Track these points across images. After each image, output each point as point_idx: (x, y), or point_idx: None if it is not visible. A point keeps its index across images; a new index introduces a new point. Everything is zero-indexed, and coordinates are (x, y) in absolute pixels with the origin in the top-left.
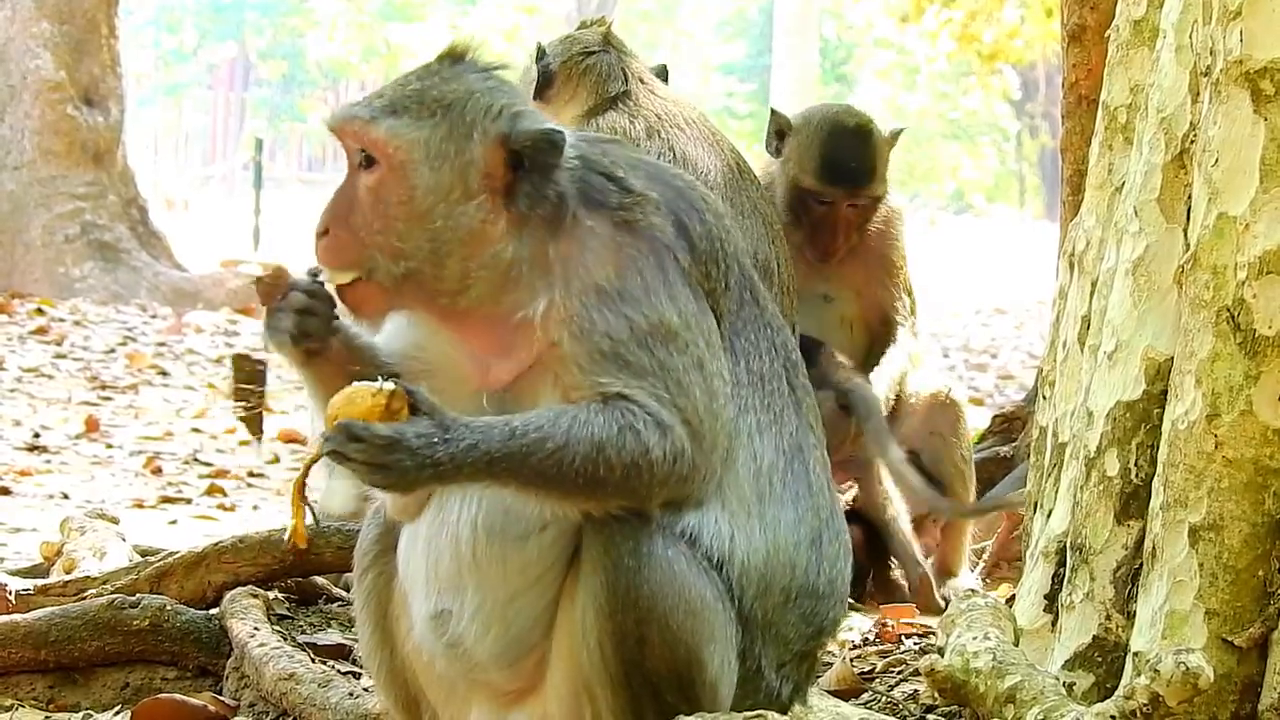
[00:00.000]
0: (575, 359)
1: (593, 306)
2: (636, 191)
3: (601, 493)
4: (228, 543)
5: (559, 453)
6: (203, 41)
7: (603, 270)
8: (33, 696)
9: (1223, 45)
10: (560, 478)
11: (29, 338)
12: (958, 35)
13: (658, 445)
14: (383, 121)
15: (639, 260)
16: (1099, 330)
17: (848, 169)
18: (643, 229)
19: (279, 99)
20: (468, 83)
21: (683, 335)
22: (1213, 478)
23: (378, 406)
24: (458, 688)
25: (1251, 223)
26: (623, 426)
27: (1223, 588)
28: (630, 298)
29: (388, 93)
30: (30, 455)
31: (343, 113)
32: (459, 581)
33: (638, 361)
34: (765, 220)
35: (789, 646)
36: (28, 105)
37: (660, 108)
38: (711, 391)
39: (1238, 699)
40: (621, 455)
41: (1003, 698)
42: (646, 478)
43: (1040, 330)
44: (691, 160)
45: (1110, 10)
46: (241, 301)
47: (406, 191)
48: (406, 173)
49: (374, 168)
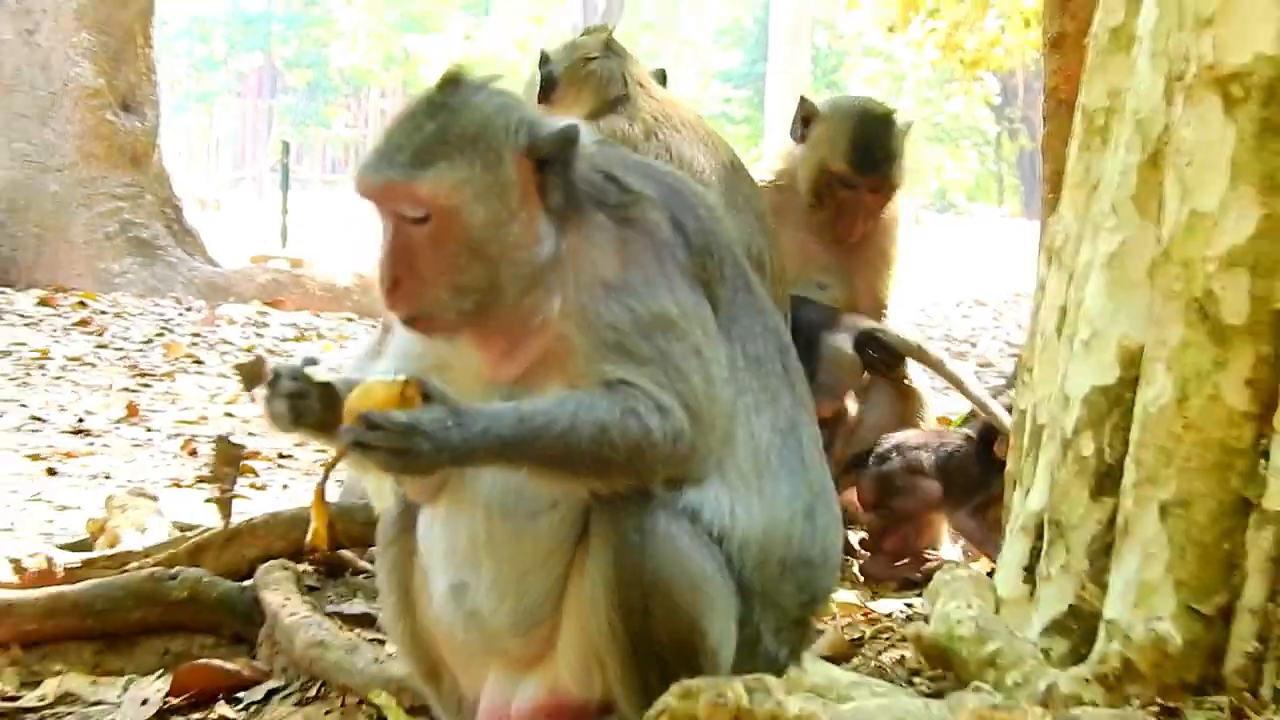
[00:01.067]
0: (581, 350)
1: (599, 300)
2: (634, 189)
3: (607, 472)
4: (260, 519)
5: (566, 435)
6: (232, 51)
7: (608, 265)
8: (80, 662)
9: (1195, 52)
10: (568, 459)
11: (72, 329)
12: (942, 44)
13: (659, 427)
14: (421, 176)
15: (641, 255)
16: (1075, 320)
17: (875, 156)
18: (642, 225)
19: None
20: (477, 108)
21: (681, 325)
22: (1182, 457)
23: (393, 397)
24: (475, 655)
25: (1221, 219)
26: (625, 410)
27: (1190, 560)
28: (633, 290)
29: (407, 143)
30: (75, 438)
31: (375, 179)
32: (475, 557)
33: (639, 350)
34: (758, 214)
35: (785, 614)
36: (69, 111)
37: (658, 110)
38: (709, 377)
39: (1204, 664)
40: (625, 437)
41: (984, 663)
42: (649, 457)
43: (1017, 320)
44: (688, 159)
45: (1089, 18)
46: (270, 295)
47: (463, 232)
48: (460, 216)
49: (425, 222)
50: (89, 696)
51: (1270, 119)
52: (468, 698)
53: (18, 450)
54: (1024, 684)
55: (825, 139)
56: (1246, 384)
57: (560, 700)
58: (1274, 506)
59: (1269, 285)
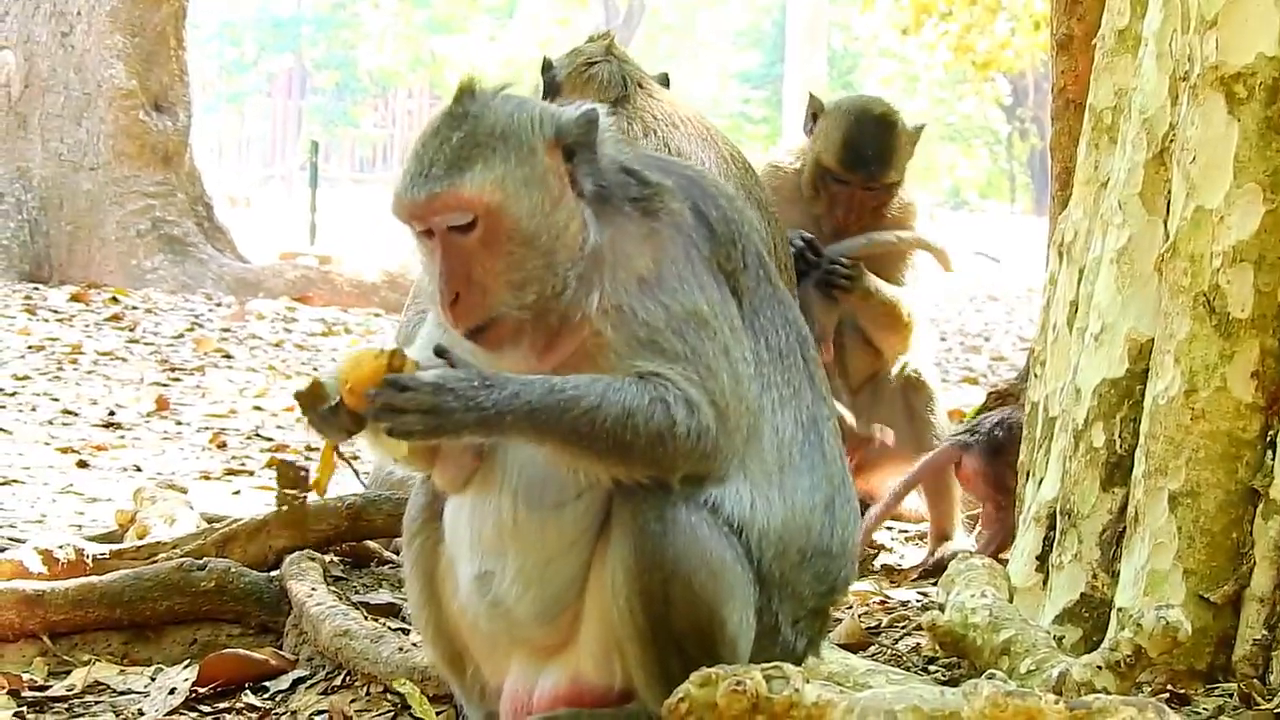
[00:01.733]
0: (614, 346)
1: (634, 296)
2: (653, 182)
3: (629, 458)
4: (286, 511)
5: (592, 412)
6: (262, 53)
7: (642, 260)
8: (109, 652)
9: (1199, 52)
10: (592, 437)
11: (104, 324)
12: (954, 46)
13: (684, 421)
14: (461, 180)
15: (671, 249)
16: (1086, 314)
17: (865, 155)
18: (666, 217)
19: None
20: (499, 109)
21: (712, 323)
22: (1190, 448)
23: (381, 367)
24: (499, 643)
25: (1226, 215)
26: (654, 399)
27: (1199, 549)
28: (667, 287)
29: (439, 156)
30: (106, 431)
31: (417, 196)
32: (500, 546)
33: (672, 348)
34: (761, 205)
35: (804, 603)
36: (102, 111)
37: (657, 109)
38: (736, 376)
39: (1213, 651)
40: (649, 424)
41: (998, 650)
42: (671, 449)
43: (1029, 315)
44: (686, 154)
45: (1096, 20)
46: (299, 290)
47: (512, 226)
48: (506, 211)
49: (472, 230)
50: (117, 686)
51: (1273, 118)
52: (491, 686)
53: (49, 443)
54: (1037, 671)
55: (823, 135)
56: (1253, 376)
57: (582, 688)
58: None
59: (1274, 279)
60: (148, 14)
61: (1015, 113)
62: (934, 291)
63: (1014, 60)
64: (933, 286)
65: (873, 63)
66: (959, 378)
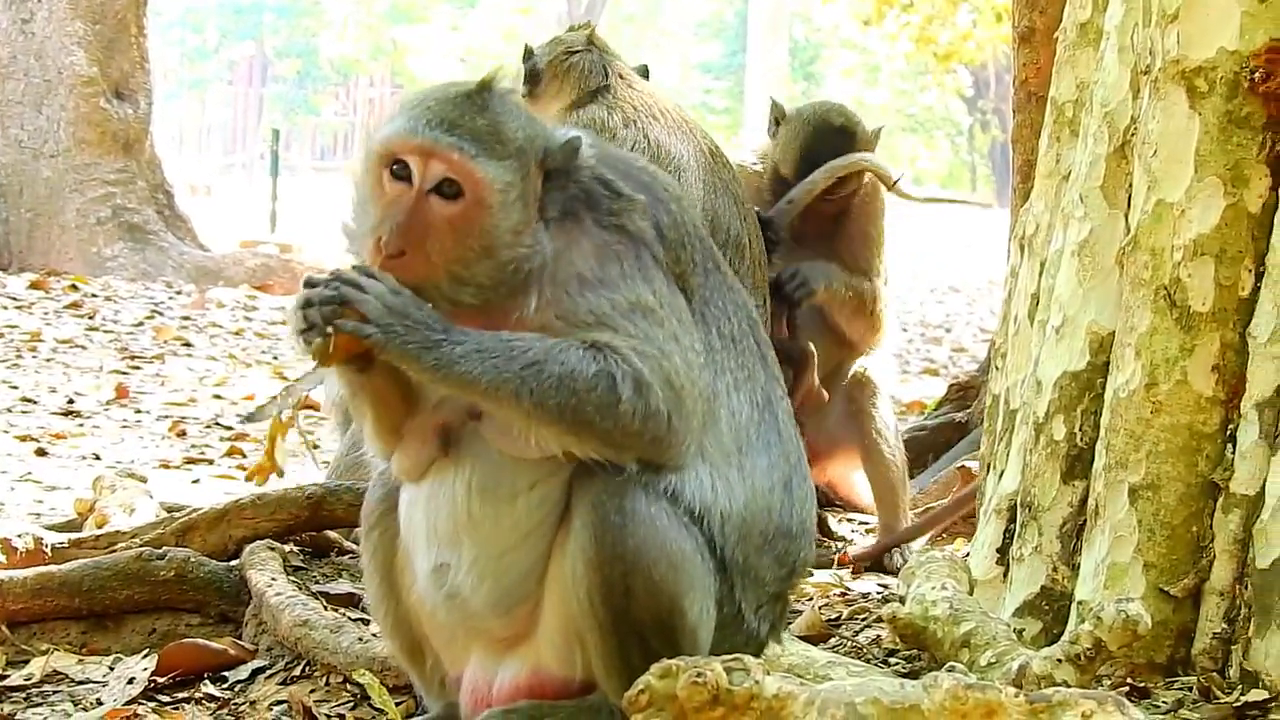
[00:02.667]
0: (561, 332)
1: (576, 292)
2: (626, 195)
3: (576, 427)
4: (247, 500)
5: (536, 366)
6: (224, 40)
7: (586, 263)
8: (67, 641)
9: (1161, 46)
10: (540, 394)
11: (64, 312)
12: (915, 37)
13: (629, 399)
14: (482, 160)
15: (621, 254)
16: (1047, 306)
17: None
18: (626, 231)
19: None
20: (517, 115)
21: (659, 312)
22: (1151, 442)
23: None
24: (457, 635)
25: (1187, 209)
26: (600, 369)
27: (1160, 542)
28: (610, 283)
29: (464, 124)
30: (65, 419)
31: (430, 137)
32: (456, 537)
33: (622, 329)
34: (736, 199)
35: (765, 588)
36: (63, 98)
37: (637, 100)
38: (689, 362)
39: (1173, 644)
40: (592, 394)
41: (958, 643)
42: (618, 425)
43: (990, 306)
44: (665, 146)
45: (1057, 14)
46: (259, 279)
47: (489, 227)
48: (492, 211)
49: (458, 200)
50: (76, 675)
51: (1234, 111)
52: (450, 677)
53: (8, 431)
54: (997, 664)
55: (782, 144)
56: (1213, 370)
57: (542, 679)
58: (1241, 490)
59: (1234, 273)
60: (109, 1)
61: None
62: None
63: (975, 52)
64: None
65: (834, 54)
66: (920, 369)
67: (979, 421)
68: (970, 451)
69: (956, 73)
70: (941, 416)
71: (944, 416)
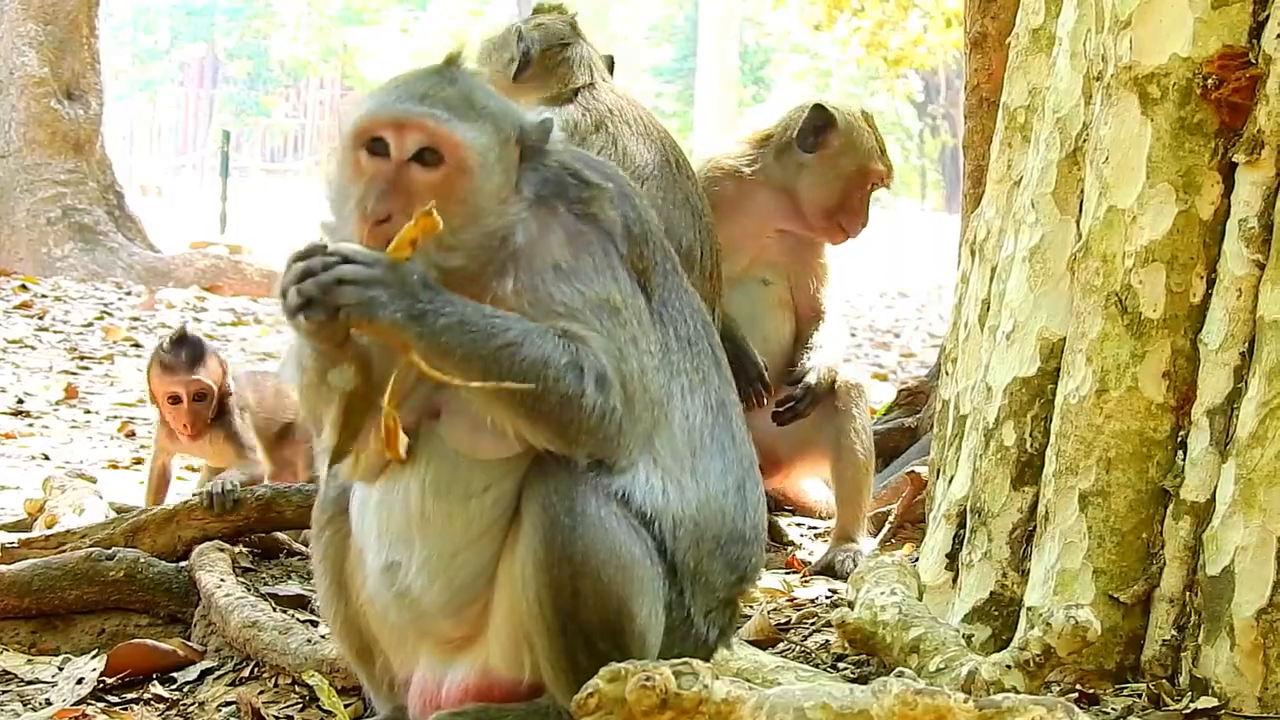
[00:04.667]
0: (533, 317)
1: (550, 281)
2: (594, 184)
3: (537, 414)
4: (196, 501)
5: (513, 348)
6: (175, 41)
7: (561, 252)
8: (16, 641)
9: (1113, 52)
10: (510, 376)
11: (14, 312)
12: (866, 42)
13: (591, 394)
14: (457, 125)
15: (591, 246)
16: (998, 312)
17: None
18: (595, 219)
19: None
20: (484, 89)
21: (623, 312)
22: (1101, 448)
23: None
24: (407, 636)
25: (1138, 215)
26: (570, 361)
27: (1109, 549)
28: (583, 276)
29: (435, 94)
30: (14, 419)
31: (411, 110)
32: (408, 535)
33: (589, 323)
34: (695, 211)
35: (715, 594)
36: (14, 99)
37: (612, 103)
38: (643, 367)
39: (1123, 651)
40: (559, 384)
41: (907, 648)
42: (577, 418)
43: (939, 312)
44: (632, 154)
45: (1009, 19)
46: (209, 280)
47: (470, 192)
48: (472, 176)
49: (438, 167)
50: (25, 675)
51: (1186, 118)
52: (399, 678)
53: None
54: (946, 669)
55: (858, 144)
56: (1164, 376)
57: (491, 681)
58: (1191, 497)
59: (1185, 279)
60: (60, 2)
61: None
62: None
63: (926, 57)
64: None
65: (784, 58)
66: (868, 374)
67: (929, 427)
68: (920, 457)
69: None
70: (891, 421)
71: (894, 421)
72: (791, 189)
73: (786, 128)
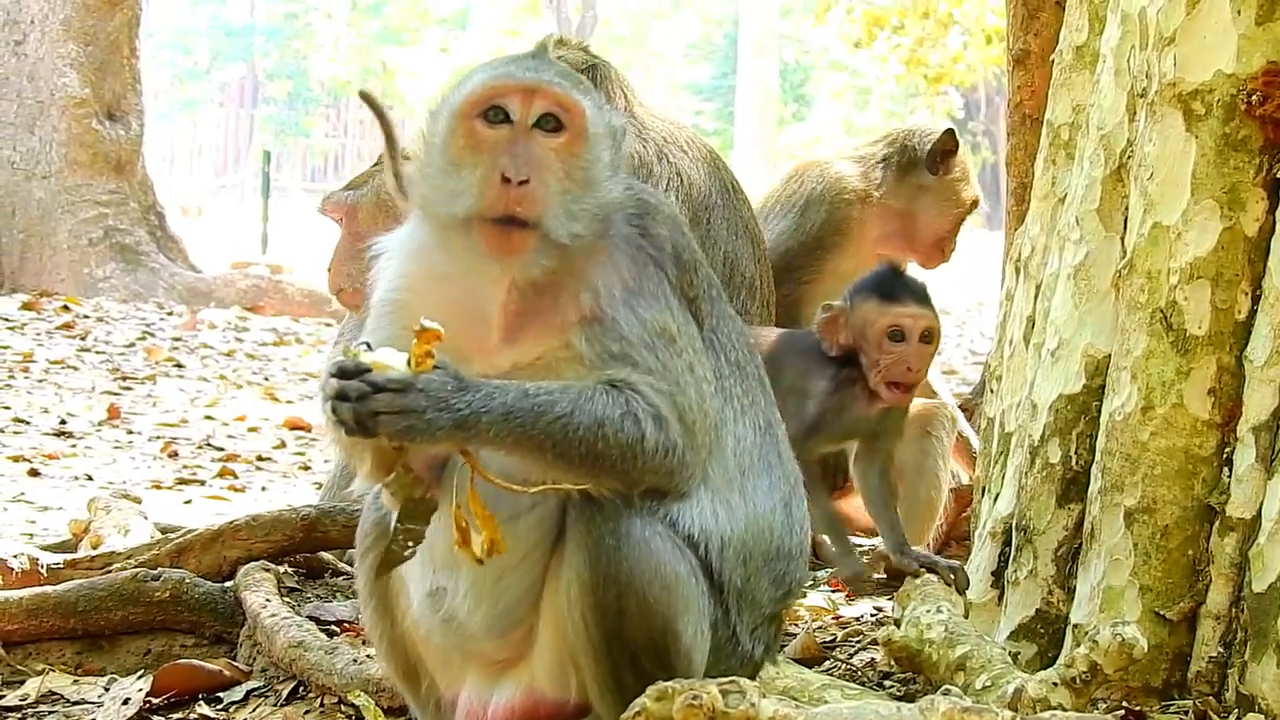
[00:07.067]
0: (586, 357)
1: (618, 305)
2: (651, 204)
3: (598, 469)
4: (241, 521)
5: (564, 419)
6: (215, 62)
7: (630, 270)
8: (62, 662)
9: (1158, 69)
10: (566, 444)
11: (56, 333)
12: (906, 59)
13: (652, 435)
14: (576, 92)
15: (650, 267)
16: (1043, 329)
17: None
18: (653, 239)
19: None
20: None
21: (679, 341)
22: (1147, 465)
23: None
24: (453, 658)
25: (1183, 231)
26: (625, 412)
27: (1155, 566)
28: (645, 301)
29: (548, 68)
30: (57, 440)
31: (530, 77)
32: (452, 562)
33: (643, 361)
34: (754, 239)
35: (761, 610)
36: (55, 120)
37: (664, 131)
38: (701, 394)
39: (1169, 668)
40: (620, 435)
41: (954, 666)
42: (639, 463)
43: (980, 329)
44: (695, 182)
45: (1052, 36)
46: (250, 300)
47: (589, 159)
48: (590, 144)
49: (560, 132)
50: (71, 696)
51: (1230, 134)
52: (445, 699)
53: (1, 452)
54: (992, 687)
55: (969, 172)
56: (1209, 393)
57: (537, 701)
58: (1237, 513)
59: (1230, 296)
60: (101, 23)
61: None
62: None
63: (966, 74)
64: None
65: (824, 75)
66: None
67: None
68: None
69: (947, 95)
70: None
71: None
72: (908, 212)
73: (905, 149)
